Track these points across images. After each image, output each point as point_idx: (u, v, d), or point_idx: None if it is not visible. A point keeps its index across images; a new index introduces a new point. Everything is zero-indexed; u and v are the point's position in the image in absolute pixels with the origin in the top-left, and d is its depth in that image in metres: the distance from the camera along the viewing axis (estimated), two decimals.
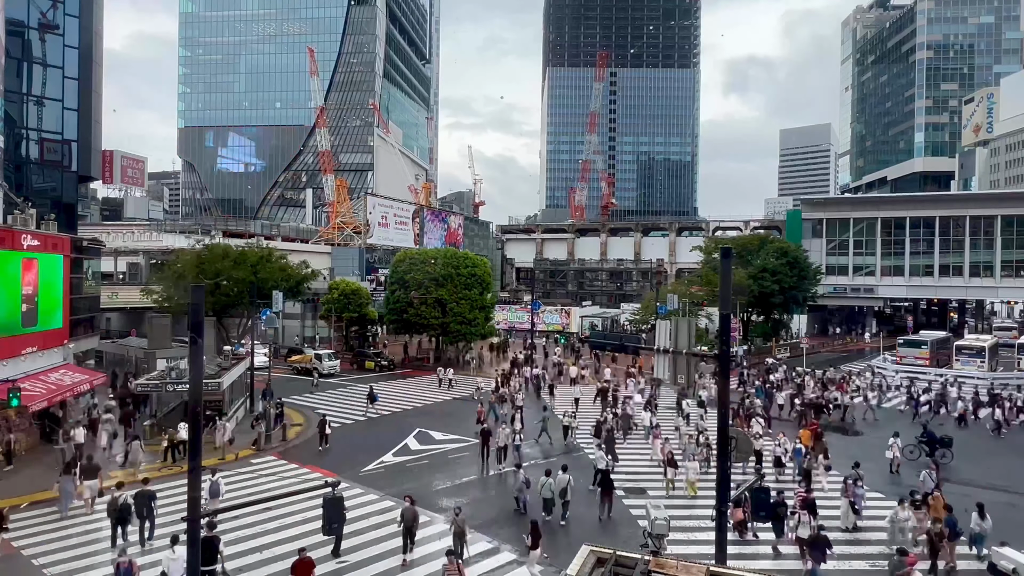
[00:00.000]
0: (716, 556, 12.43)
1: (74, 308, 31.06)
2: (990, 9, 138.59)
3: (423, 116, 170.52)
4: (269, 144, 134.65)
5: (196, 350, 10.92)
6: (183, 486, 18.72)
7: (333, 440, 28.11)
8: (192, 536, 10.71)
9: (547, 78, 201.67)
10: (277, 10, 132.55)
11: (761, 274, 57.19)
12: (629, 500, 21.63)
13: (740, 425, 27.49)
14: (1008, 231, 70.90)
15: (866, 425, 33.18)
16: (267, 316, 41.26)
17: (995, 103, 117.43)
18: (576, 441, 28.97)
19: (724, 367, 12.93)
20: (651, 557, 9.07)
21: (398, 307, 50.27)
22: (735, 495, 14.92)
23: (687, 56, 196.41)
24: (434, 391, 41.36)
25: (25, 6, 36.45)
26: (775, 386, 40.03)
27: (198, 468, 10.80)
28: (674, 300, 49.08)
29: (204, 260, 44.20)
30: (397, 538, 18.13)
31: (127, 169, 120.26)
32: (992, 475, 24.56)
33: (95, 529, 19.02)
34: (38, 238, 27.65)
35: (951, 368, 47.77)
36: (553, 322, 71.73)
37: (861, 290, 76.70)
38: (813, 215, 78.79)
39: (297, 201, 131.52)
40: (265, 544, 17.93)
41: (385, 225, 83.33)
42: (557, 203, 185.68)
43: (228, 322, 46.98)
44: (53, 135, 38.13)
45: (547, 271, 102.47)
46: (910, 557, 14.58)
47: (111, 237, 60.74)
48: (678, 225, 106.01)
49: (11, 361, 25.75)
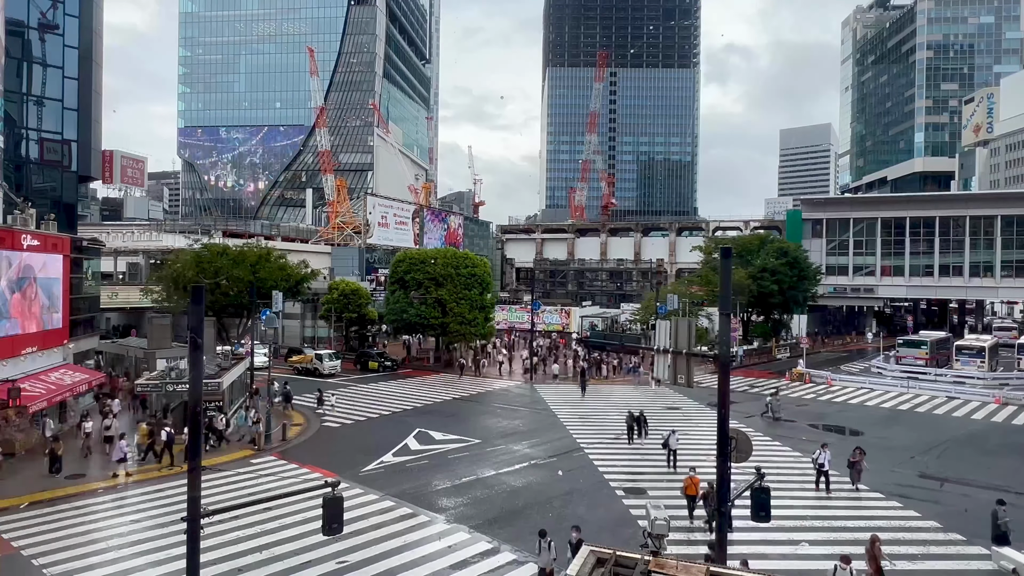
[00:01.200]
0: (716, 556, 12.44)
1: (74, 308, 31.07)
2: (990, 9, 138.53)
3: (423, 116, 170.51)
4: (269, 144, 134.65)
5: (196, 350, 10.92)
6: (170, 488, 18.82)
7: (333, 440, 28.11)
8: (192, 536, 10.71)
9: (547, 78, 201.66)
10: (277, 10, 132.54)
11: (761, 274, 57.18)
12: (629, 500, 21.63)
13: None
14: (1008, 231, 70.85)
15: (866, 424, 33.14)
16: (267, 316, 41.21)
17: (995, 103, 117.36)
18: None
19: (724, 367, 12.93)
20: (651, 557, 9.07)
21: (398, 307, 50.28)
22: (735, 495, 14.90)
23: (687, 56, 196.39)
24: (435, 391, 41.34)
25: (25, 6, 36.43)
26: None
27: (198, 468, 10.81)
28: (674, 300, 49.16)
29: (203, 259, 44.23)
30: (397, 538, 18.15)
31: (127, 169, 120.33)
32: (992, 475, 24.56)
33: (95, 529, 19.04)
34: (38, 238, 27.66)
35: (951, 368, 47.81)
36: (553, 322, 71.70)
37: (861, 290, 76.67)
38: (813, 215, 78.76)
39: (297, 201, 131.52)
40: (265, 544, 17.92)
41: (385, 225, 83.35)
42: (557, 203, 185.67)
43: (228, 322, 46.98)
44: (53, 135, 38.10)
45: (547, 271, 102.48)
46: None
47: (111, 237, 60.79)
48: (678, 225, 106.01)
49: (11, 361, 25.76)
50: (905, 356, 49.75)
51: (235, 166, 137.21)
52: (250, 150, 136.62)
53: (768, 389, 43.01)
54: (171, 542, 17.46)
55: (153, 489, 22.45)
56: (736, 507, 16.55)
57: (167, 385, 28.15)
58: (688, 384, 14.88)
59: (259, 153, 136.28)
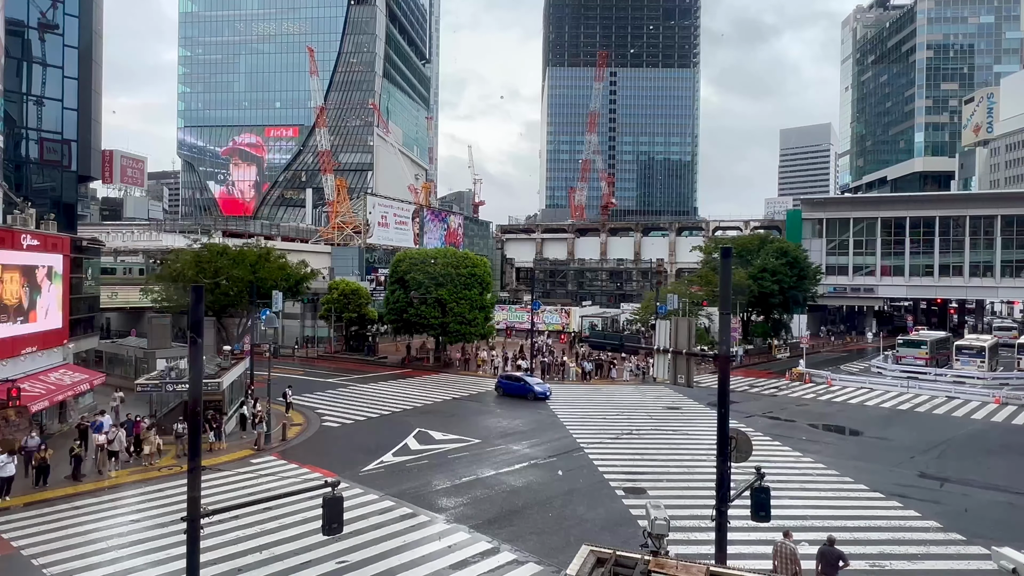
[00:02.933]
0: (716, 556, 12.44)
1: (74, 308, 31.05)
2: (990, 9, 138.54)
3: (423, 116, 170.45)
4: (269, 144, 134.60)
5: (196, 350, 10.92)
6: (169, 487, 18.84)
7: (333, 440, 28.11)
8: (192, 536, 10.71)
9: (547, 77, 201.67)
10: (277, 10, 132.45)
11: (761, 274, 57.18)
12: (629, 500, 21.62)
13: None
14: (1008, 231, 70.89)
15: (866, 424, 33.13)
16: (267, 316, 41.19)
17: (995, 103, 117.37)
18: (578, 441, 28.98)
19: (724, 367, 12.92)
20: (651, 557, 9.07)
21: (398, 307, 50.26)
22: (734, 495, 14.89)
23: (687, 56, 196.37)
24: (435, 391, 41.34)
25: (25, 6, 36.41)
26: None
27: (198, 468, 10.80)
28: (674, 300, 49.19)
29: (202, 259, 44.22)
30: (397, 538, 18.13)
31: (127, 169, 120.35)
32: (992, 475, 24.56)
33: (95, 529, 19.03)
34: (38, 238, 27.64)
35: (951, 368, 47.81)
36: (553, 322, 71.75)
37: (861, 290, 76.69)
38: (813, 215, 78.79)
39: (297, 201, 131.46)
40: (265, 544, 17.91)
41: (385, 225, 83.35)
42: (557, 203, 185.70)
43: (228, 322, 46.98)
44: (53, 135, 38.08)
45: (547, 271, 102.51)
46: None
47: (111, 237, 60.78)
48: (678, 225, 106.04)
49: (11, 361, 25.74)
50: (905, 356, 49.76)
51: (235, 166, 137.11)
52: (250, 150, 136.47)
53: (767, 390, 43.05)
54: (171, 542, 17.45)
55: (153, 489, 22.45)
56: (736, 507, 16.55)
57: (167, 385, 28.14)
58: (688, 384, 14.87)
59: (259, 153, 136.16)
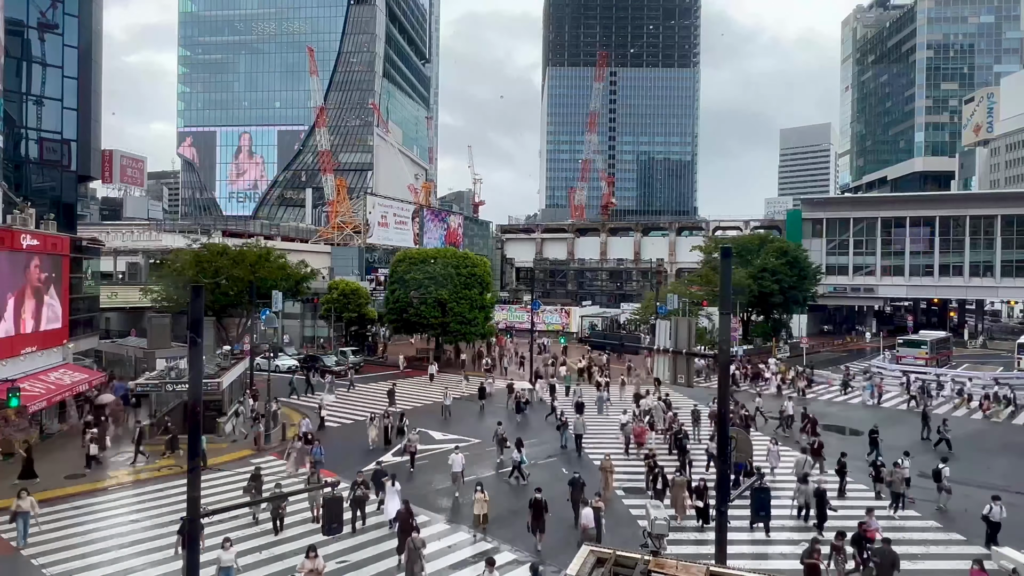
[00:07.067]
0: (716, 556, 12.43)
1: (73, 308, 31.05)
2: (990, 9, 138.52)
3: (423, 116, 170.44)
4: (268, 143, 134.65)
5: (196, 350, 10.91)
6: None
7: (333, 440, 28.07)
8: (192, 536, 10.70)
9: (547, 77, 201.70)
10: (277, 10, 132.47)
11: (761, 274, 57.12)
12: (629, 500, 21.61)
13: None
14: (1008, 231, 70.87)
15: (866, 424, 33.04)
16: (267, 316, 41.22)
17: (995, 103, 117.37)
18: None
19: (724, 367, 12.92)
20: (651, 557, 9.06)
21: (398, 307, 50.22)
22: (734, 495, 14.91)
23: (687, 56, 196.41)
24: (435, 391, 41.30)
25: (25, 5, 36.32)
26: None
27: (198, 468, 10.80)
28: (674, 300, 49.15)
29: (202, 259, 44.20)
30: (397, 538, 18.10)
31: (126, 169, 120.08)
32: (992, 475, 24.54)
33: (95, 529, 19.03)
34: (37, 238, 27.63)
35: (950, 368, 47.81)
36: (553, 322, 71.72)
37: (861, 290, 76.68)
38: (813, 215, 78.79)
39: (297, 201, 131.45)
40: (265, 544, 17.91)
41: (385, 225, 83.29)
42: (557, 203, 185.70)
43: (228, 322, 46.96)
44: (53, 135, 38.01)
45: (547, 271, 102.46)
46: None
47: (111, 237, 60.71)
48: (678, 225, 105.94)
49: (11, 361, 25.73)
50: (905, 356, 49.78)
51: (235, 165, 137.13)
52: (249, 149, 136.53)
53: (768, 389, 42.97)
54: (171, 542, 17.42)
55: (153, 489, 22.45)
56: (736, 506, 16.55)
57: (166, 385, 28.15)
58: (688, 384, 14.90)
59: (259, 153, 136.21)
